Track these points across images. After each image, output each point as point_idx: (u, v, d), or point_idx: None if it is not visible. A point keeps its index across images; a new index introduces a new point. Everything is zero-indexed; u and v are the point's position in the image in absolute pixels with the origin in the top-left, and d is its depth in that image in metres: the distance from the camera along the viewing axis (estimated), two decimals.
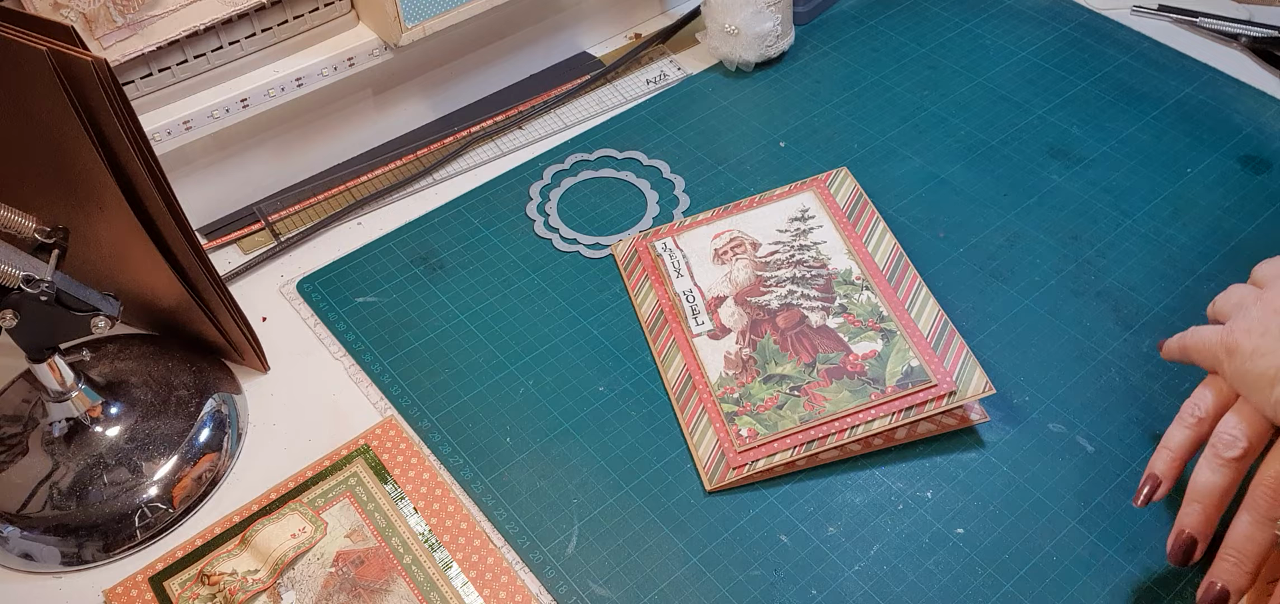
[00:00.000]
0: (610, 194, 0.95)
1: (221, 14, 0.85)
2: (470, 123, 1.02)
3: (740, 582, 0.68)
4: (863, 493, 0.72)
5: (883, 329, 0.79)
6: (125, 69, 0.84)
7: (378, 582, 0.69)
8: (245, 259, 0.91)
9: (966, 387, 0.74)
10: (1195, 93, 1.00)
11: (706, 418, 0.76)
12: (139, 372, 0.79)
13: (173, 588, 0.69)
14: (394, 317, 0.85)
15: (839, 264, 0.84)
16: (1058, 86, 1.02)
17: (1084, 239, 0.88)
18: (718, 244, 0.87)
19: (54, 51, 0.65)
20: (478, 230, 0.92)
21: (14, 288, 0.65)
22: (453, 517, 0.72)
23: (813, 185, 0.91)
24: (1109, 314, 0.82)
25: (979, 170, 0.95)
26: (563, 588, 0.69)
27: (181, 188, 0.83)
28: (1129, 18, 1.10)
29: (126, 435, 0.75)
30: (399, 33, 0.91)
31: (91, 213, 0.73)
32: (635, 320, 0.84)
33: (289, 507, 0.72)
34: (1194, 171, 0.93)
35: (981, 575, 0.68)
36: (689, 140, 0.99)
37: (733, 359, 0.79)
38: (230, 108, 0.89)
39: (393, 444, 0.76)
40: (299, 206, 0.95)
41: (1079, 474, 0.73)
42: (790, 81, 1.05)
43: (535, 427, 0.77)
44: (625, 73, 1.07)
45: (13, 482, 0.73)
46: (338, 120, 0.98)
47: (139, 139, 0.69)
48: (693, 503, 0.73)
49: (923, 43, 1.08)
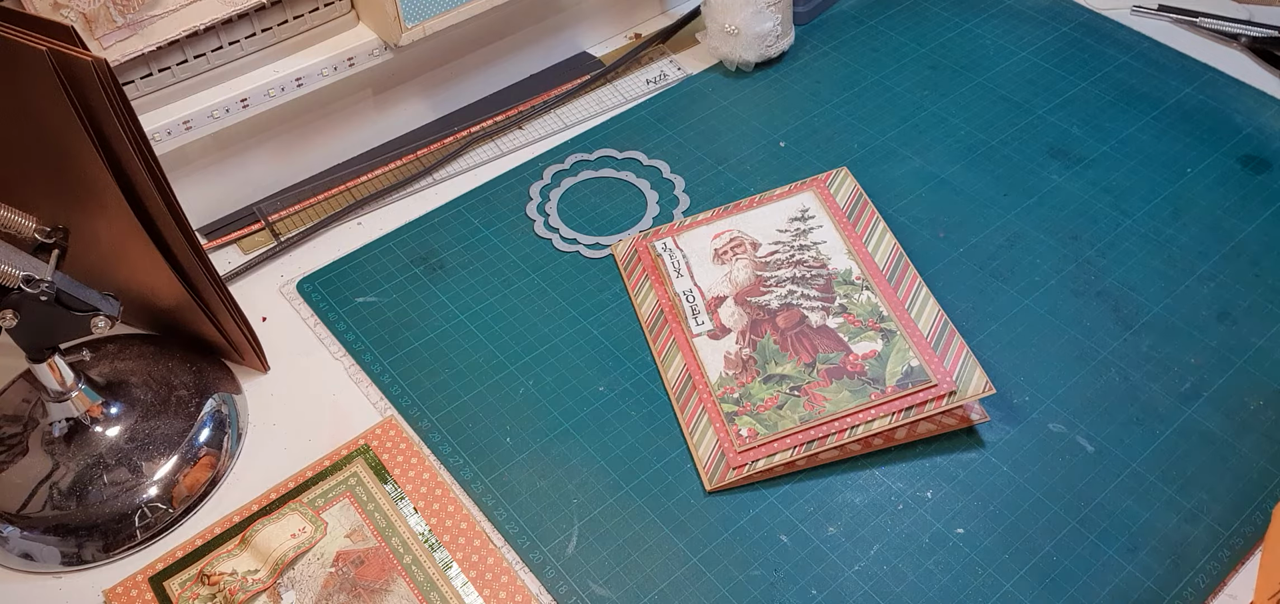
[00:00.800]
0: (610, 194, 0.95)
1: (221, 14, 0.85)
2: (470, 123, 1.02)
3: (740, 582, 0.68)
4: (863, 493, 0.72)
5: (883, 329, 0.79)
6: (125, 69, 0.84)
7: (378, 582, 0.69)
8: (245, 259, 0.91)
9: (966, 387, 0.74)
10: (1195, 93, 1.00)
11: (706, 418, 0.76)
12: (139, 372, 0.79)
13: (173, 588, 0.69)
14: (394, 316, 0.85)
15: (839, 264, 0.84)
16: (1058, 86, 1.02)
17: (1084, 239, 0.88)
18: (718, 244, 0.87)
19: (54, 51, 0.65)
20: (478, 230, 0.92)
21: (14, 288, 0.65)
22: (453, 517, 0.72)
23: (813, 185, 0.91)
24: (1109, 314, 0.82)
25: (979, 170, 0.94)
26: (563, 588, 0.69)
27: (181, 188, 0.83)
28: (1129, 18, 1.10)
29: (126, 435, 0.75)
30: (399, 33, 0.91)
31: (91, 213, 0.73)
32: (635, 320, 0.84)
33: (289, 507, 0.72)
34: (1194, 171, 0.93)
35: (981, 575, 0.68)
36: (689, 140, 0.99)
37: (733, 359, 0.79)
38: (230, 108, 0.89)
39: (393, 444, 0.76)
40: (299, 206, 0.95)
41: (1079, 474, 0.73)
42: (790, 81, 1.05)
43: (535, 427, 0.77)
44: (625, 73, 1.07)
45: (13, 482, 0.73)
46: (338, 120, 0.98)
47: (139, 139, 0.69)
48: (693, 503, 0.73)
49: (923, 43, 1.08)
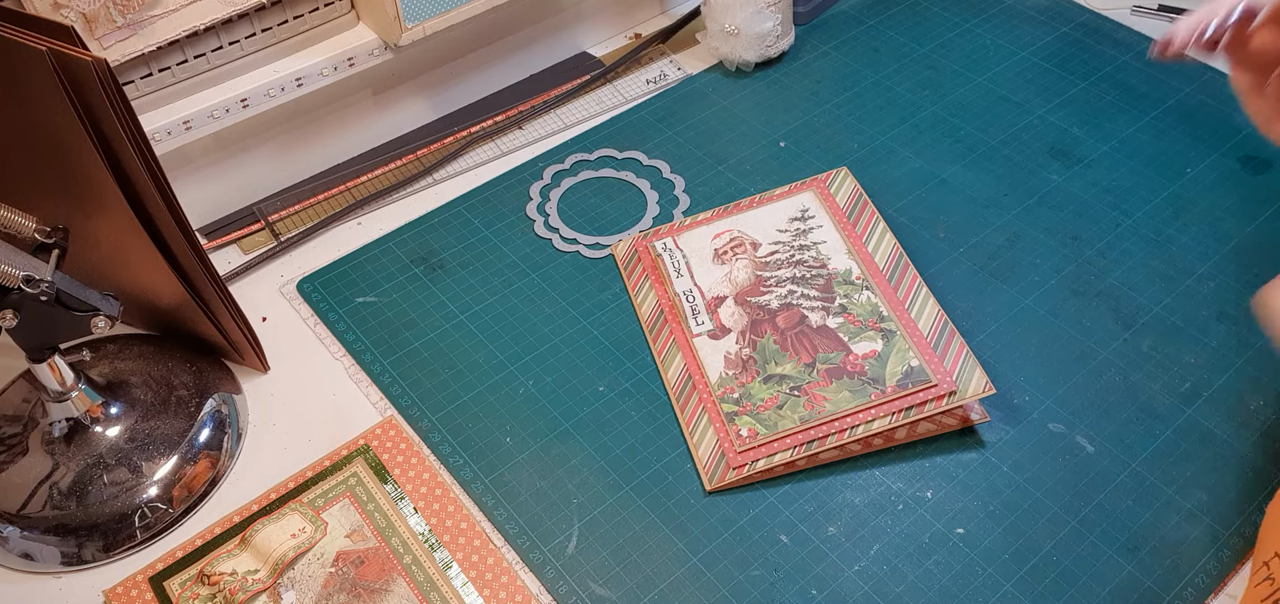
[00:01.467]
0: (610, 194, 0.95)
1: (221, 14, 0.85)
2: (470, 123, 1.02)
3: (740, 582, 0.68)
4: (863, 493, 0.72)
5: (883, 329, 0.79)
6: (125, 69, 0.84)
7: (378, 582, 0.69)
8: (245, 259, 0.91)
9: (966, 387, 0.74)
10: (1195, 93, 1.00)
11: (706, 418, 0.76)
12: (139, 372, 0.79)
13: (173, 588, 0.69)
14: (394, 316, 0.85)
15: (839, 264, 0.84)
16: (1058, 86, 1.02)
17: (1084, 239, 0.88)
18: (718, 244, 0.87)
19: (54, 51, 0.65)
20: (478, 230, 0.92)
21: (14, 288, 0.65)
22: (453, 517, 0.72)
23: (813, 185, 0.91)
24: (1109, 314, 0.82)
25: (979, 170, 0.94)
26: (563, 588, 0.68)
27: (181, 188, 0.83)
28: (1129, 18, 1.09)
29: (126, 435, 0.75)
30: (399, 33, 0.91)
31: (91, 213, 0.73)
32: (635, 320, 0.84)
33: (289, 507, 0.72)
34: (1194, 171, 0.93)
35: (981, 575, 0.68)
36: (689, 140, 0.99)
37: (733, 359, 0.79)
38: (230, 108, 0.89)
39: (393, 444, 0.76)
40: (299, 206, 0.95)
41: (1079, 474, 0.72)
42: (790, 81, 1.05)
43: (535, 427, 0.77)
44: (625, 73, 1.07)
45: (13, 482, 0.73)
46: (338, 120, 0.98)
47: (139, 139, 0.69)
48: (693, 503, 0.73)
49: (923, 43, 1.08)
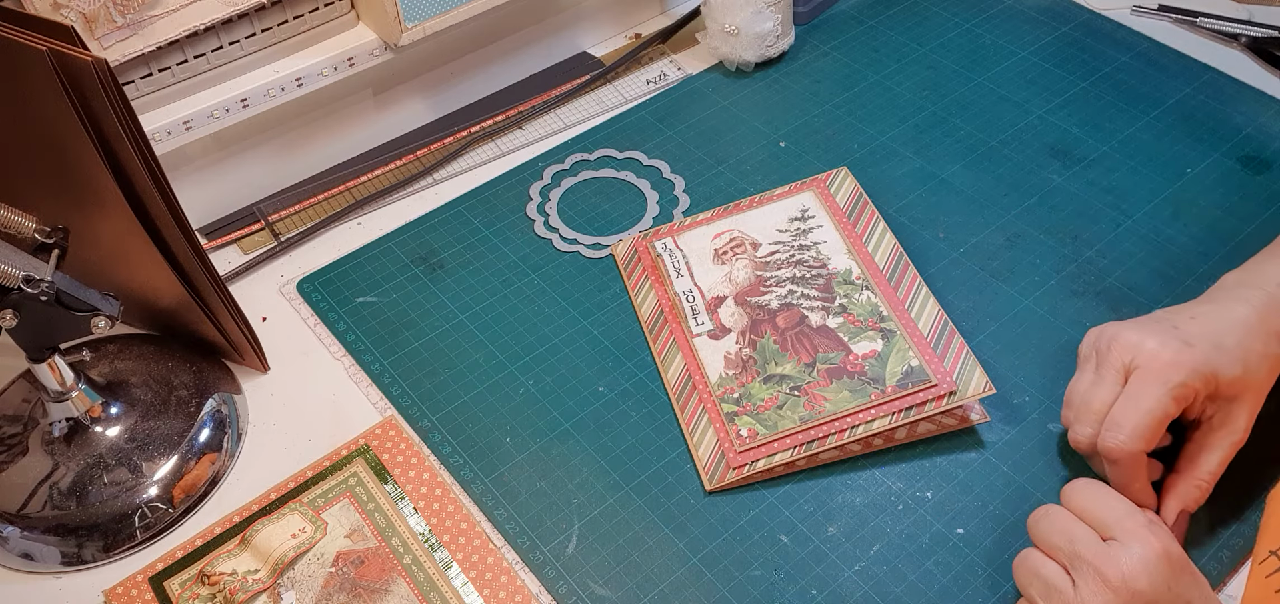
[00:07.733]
0: (610, 194, 0.95)
1: (221, 14, 0.85)
2: (470, 123, 1.02)
3: (740, 582, 0.68)
4: (863, 493, 0.72)
5: (883, 329, 0.79)
6: (125, 69, 0.84)
7: (378, 582, 0.69)
8: (245, 259, 0.91)
9: (966, 387, 0.74)
10: (1195, 93, 1.00)
11: (706, 418, 0.76)
12: (139, 372, 0.79)
13: (173, 588, 0.69)
14: (394, 316, 0.85)
15: (839, 264, 0.84)
16: (1058, 86, 1.02)
17: (1084, 239, 0.88)
18: (718, 244, 0.87)
19: (54, 51, 0.65)
20: (478, 230, 0.92)
21: (14, 288, 0.65)
22: (453, 517, 0.72)
23: (813, 185, 0.91)
24: (1109, 314, 0.82)
25: (979, 170, 0.94)
26: (563, 588, 0.68)
27: (181, 188, 0.83)
28: (1129, 18, 1.09)
29: (126, 435, 0.75)
30: (399, 33, 0.91)
31: (91, 213, 0.73)
32: (635, 320, 0.84)
33: (289, 507, 0.72)
34: (1194, 172, 0.93)
35: (981, 575, 0.68)
36: (689, 140, 0.99)
37: (733, 359, 0.79)
38: (230, 108, 0.88)
39: (393, 444, 0.76)
40: (299, 206, 0.95)
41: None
42: (790, 81, 1.05)
43: (535, 427, 0.77)
44: (625, 73, 1.07)
45: (13, 482, 0.73)
46: (338, 120, 0.98)
47: (139, 139, 0.69)
48: (693, 503, 0.72)
49: (923, 43, 1.08)
